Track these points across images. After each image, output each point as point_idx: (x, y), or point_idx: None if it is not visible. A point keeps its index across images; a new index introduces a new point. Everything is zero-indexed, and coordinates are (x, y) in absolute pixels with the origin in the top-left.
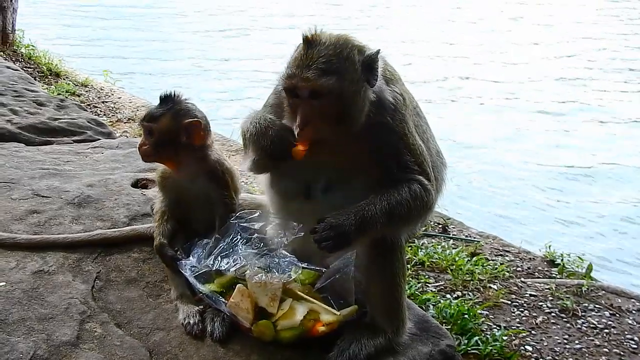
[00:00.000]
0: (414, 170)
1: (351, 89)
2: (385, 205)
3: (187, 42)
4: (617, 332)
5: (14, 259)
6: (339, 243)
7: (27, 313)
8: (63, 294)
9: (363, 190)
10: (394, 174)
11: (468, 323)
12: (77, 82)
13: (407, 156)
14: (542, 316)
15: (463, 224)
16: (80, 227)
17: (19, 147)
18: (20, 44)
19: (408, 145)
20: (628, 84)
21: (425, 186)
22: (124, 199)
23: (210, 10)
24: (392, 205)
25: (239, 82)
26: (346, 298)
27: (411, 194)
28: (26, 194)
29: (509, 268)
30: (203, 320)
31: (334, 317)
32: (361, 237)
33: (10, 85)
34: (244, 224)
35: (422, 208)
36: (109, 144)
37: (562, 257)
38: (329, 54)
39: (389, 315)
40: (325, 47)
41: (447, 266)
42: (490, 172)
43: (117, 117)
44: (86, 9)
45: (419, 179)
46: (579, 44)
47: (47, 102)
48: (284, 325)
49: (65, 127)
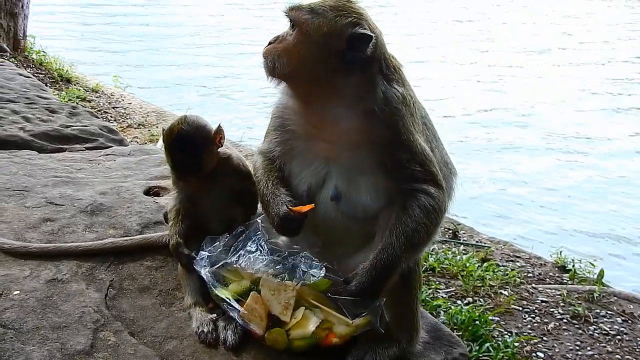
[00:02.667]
0: (419, 173)
1: (316, 41)
2: (403, 242)
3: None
4: (629, 338)
5: (28, 268)
6: (371, 299)
7: (42, 322)
8: (77, 303)
9: (370, 196)
10: (401, 180)
11: (479, 329)
12: (88, 87)
13: (411, 158)
14: (553, 322)
15: (473, 230)
16: (93, 235)
17: (32, 154)
18: (32, 50)
19: (413, 147)
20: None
21: (433, 195)
22: (136, 206)
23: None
24: (409, 236)
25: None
26: (361, 308)
27: (423, 211)
28: (39, 202)
29: (519, 274)
30: (216, 329)
31: (347, 330)
32: (390, 283)
33: (23, 92)
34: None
35: (437, 219)
36: (121, 151)
37: (574, 262)
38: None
39: (403, 325)
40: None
41: (458, 272)
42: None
43: (127, 123)
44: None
45: (425, 189)
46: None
47: (59, 109)
48: (296, 335)
49: (77, 134)
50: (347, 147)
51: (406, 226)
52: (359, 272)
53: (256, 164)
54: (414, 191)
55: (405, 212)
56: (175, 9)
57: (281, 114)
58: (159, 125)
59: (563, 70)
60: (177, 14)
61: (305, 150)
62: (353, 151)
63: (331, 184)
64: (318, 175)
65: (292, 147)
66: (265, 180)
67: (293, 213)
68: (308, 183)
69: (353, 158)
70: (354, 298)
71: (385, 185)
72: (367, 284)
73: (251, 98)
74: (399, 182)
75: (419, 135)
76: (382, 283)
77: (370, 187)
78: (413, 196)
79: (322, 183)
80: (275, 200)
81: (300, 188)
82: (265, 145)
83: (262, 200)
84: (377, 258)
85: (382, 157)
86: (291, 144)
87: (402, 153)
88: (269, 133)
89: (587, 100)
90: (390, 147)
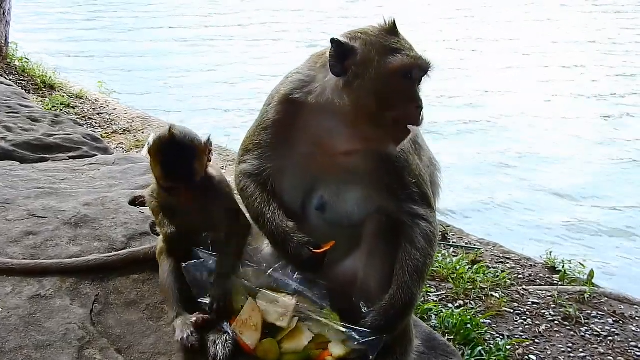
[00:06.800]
0: (416, 195)
1: None
2: (416, 278)
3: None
4: (620, 339)
5: (10, 284)
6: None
7: (24, 341)
8: (61, 319)
9: (357, 206)
10: (396, 199)
11: (471, 333)
12: (72, 94)
13: (409, 178)
14: (545, 324)
15: (463, 232)
16: (77, 249)
17: (14, 165)
18: (14, 56)
19: (409, 166)
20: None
21: (430, 220)
22: (121, 217)
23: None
24: (420, 270)
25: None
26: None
27: (426, 239)
28: (21, 215)
29: (510, 275)
30: (197, 332)
31: (343, 350)
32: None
33: (4, 101)
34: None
35: (435, 243)
36: (105, 160)
37: (563, 263)
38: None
39: (397, 336)
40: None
41: (448, 275)
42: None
43: (112, 129)
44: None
45: (423, 215)
46: None
47: (41, 117)
48: (288, 348)
49: (60, 143)
50: (341, 161)
51: (417, 261)
52: (375, 310)
53: (247, 190)
54: (414, 217)
55: (412, 245)
56: (159, 11)
57: (285, 130)
58: (145, 130)
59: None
60: (163, 17)
61: (298, 164)
62: (345, 165)
63: (317, 194)
64: (308, 187)
65: (286, 163)
66: (270, 213)
67: (314, 254)
68: (302, 198)
69: (343, 172)
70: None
71: (374, 198)
72: (384, 323)
73: (236, 103)
74: (395, 201)
75: (414, 152)
76: (398, 322)
77: (358, 198)
78: (414, 224)
79: (311, 194)
80: (292, 240)
81: (294, 203)
82: (252, 162)
83: (271, 236)
84: (395, 298)
85: (376, 172)
86: (285, 160)
87: (402, 173)
88: (262, 147)
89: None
90: (386, 165)
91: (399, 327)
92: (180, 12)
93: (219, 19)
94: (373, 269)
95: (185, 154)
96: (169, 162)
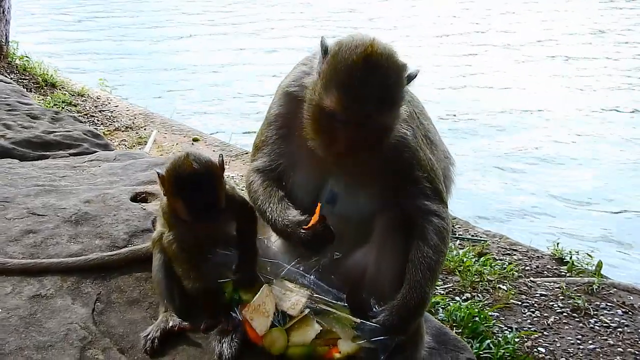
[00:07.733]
0: (428, 190)
1: (399, 116)
2: (429, 276)
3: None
4: (630, 330)
5: (10, 284)
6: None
7: (25, 342)
8: (62, 319)
9: (367, 200)
10: (409, 194)
11: (479, 326)
12: (74, 91)
13: (421, 174)
14: (553, 316)
15: (469, 224)
16: (78, 247)
17: (13, 163)
18: (15, 55)
19: (421, 163)
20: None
21: (443, 216)
22: (123, 214)
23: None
24: (433, 268)
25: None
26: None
27: (438, 235)
28: (21, 213)
29: (517, 267)
30: (162, 336)
31: (352, 347)
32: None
33: (3, 98)
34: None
35: (448, 240)
36: (106, 156)
37: (571, 254)
38: (389, 83)
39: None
40: (384, 74)
41: (455, 267)
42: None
43: (114, 126)
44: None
45: (435, 210)
46: None
47: (41, 115)
48: (295, 341)
49: (60, 140)
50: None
51: (429, 259)
52: (387, 309)
53: (254, 184)
54: (426, 213)
55: (425, 242)
56: (160, 12)
57: (287, 124)
58: (147, 127)
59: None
60: (164, 15)
61: (308, 158)
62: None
63: (327, 188)
64: (318, 180)
65: (297, 159)
66: (272, 202)
67: (309, 229)
68: (313, 192)
69: (352, 165)
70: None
71: (386, 193)
72: (396, 322)
73: (239, 101)
74: (406, 196)
75: (425, 146)
76: (411, 322)
77: (368, 192)
78: (427, 220)
79: (321, 187)
80: (287, 220)
81: (305, 197)
82: (264, 159)
83: (274, 226)
84: (407, 297)
85: (385, 167)
86: (296, 155)
87: (411, 169)
88: (268, 143)
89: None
90: (395, 160)
91: (411, 327)
92: (180, 11)
93: (219, 16)
94: (383, 263)
95: (208, 186)
96: (194, 197)
